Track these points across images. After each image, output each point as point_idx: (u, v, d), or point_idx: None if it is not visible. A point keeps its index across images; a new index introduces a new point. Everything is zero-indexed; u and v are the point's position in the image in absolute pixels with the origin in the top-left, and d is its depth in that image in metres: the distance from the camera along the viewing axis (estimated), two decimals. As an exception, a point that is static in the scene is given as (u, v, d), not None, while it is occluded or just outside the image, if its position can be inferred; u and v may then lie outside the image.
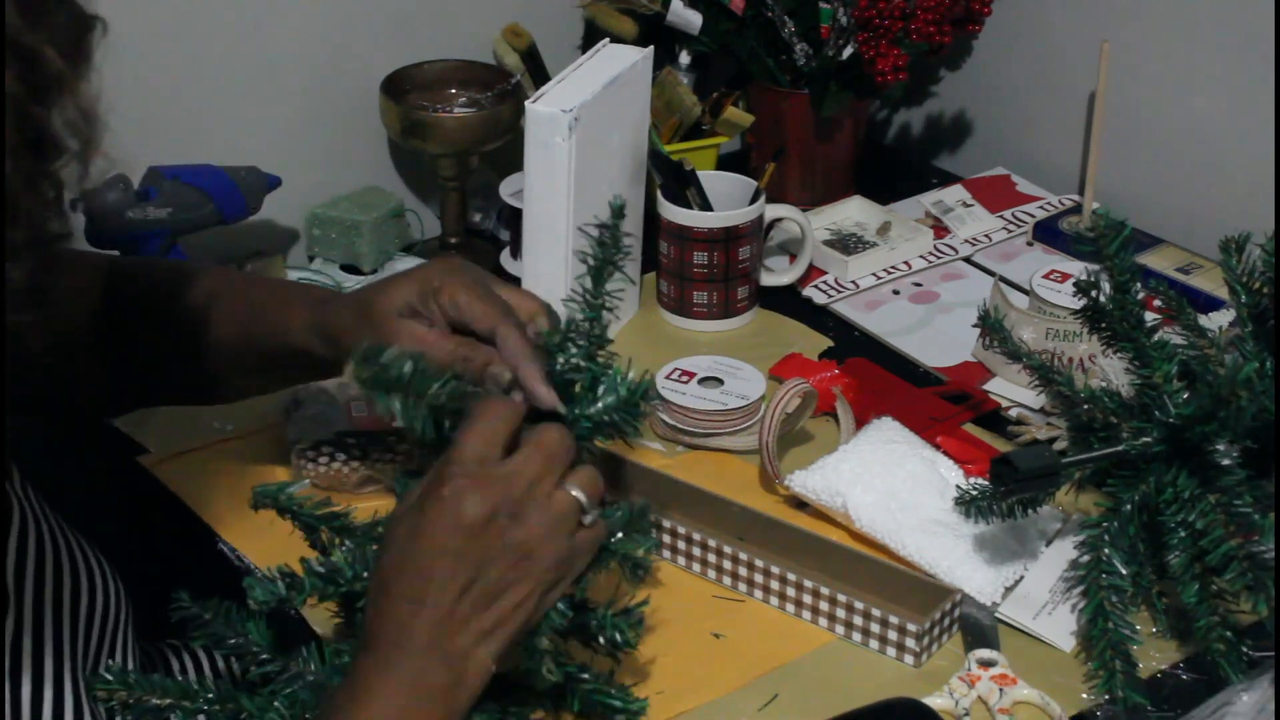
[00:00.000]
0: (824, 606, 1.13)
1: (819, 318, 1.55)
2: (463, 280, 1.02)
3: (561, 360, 0.95)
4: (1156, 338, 1.15)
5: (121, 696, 0.91)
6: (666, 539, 1.20)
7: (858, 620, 1.12)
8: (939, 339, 1.50)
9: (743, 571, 1.16)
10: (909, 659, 1.10)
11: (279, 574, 0.95)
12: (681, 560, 1.20)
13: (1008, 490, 1.11)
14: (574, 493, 0.92)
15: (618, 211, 0.95)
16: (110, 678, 0.91)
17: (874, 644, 1.12)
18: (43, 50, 0.68)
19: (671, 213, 1.49)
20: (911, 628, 1.09)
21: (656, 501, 1.22)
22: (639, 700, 0.99)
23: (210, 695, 0.93)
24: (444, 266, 1.04)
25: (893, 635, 1.10)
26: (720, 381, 1.36)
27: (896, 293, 1.58)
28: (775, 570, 1.15)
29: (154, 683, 0.92)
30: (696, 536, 1.18)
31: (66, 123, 0.70)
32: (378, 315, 1.02)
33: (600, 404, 0.91)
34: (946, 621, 1.12)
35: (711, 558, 1.18)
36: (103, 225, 1.37)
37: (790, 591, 1.14)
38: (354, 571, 0.94)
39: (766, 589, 1.16)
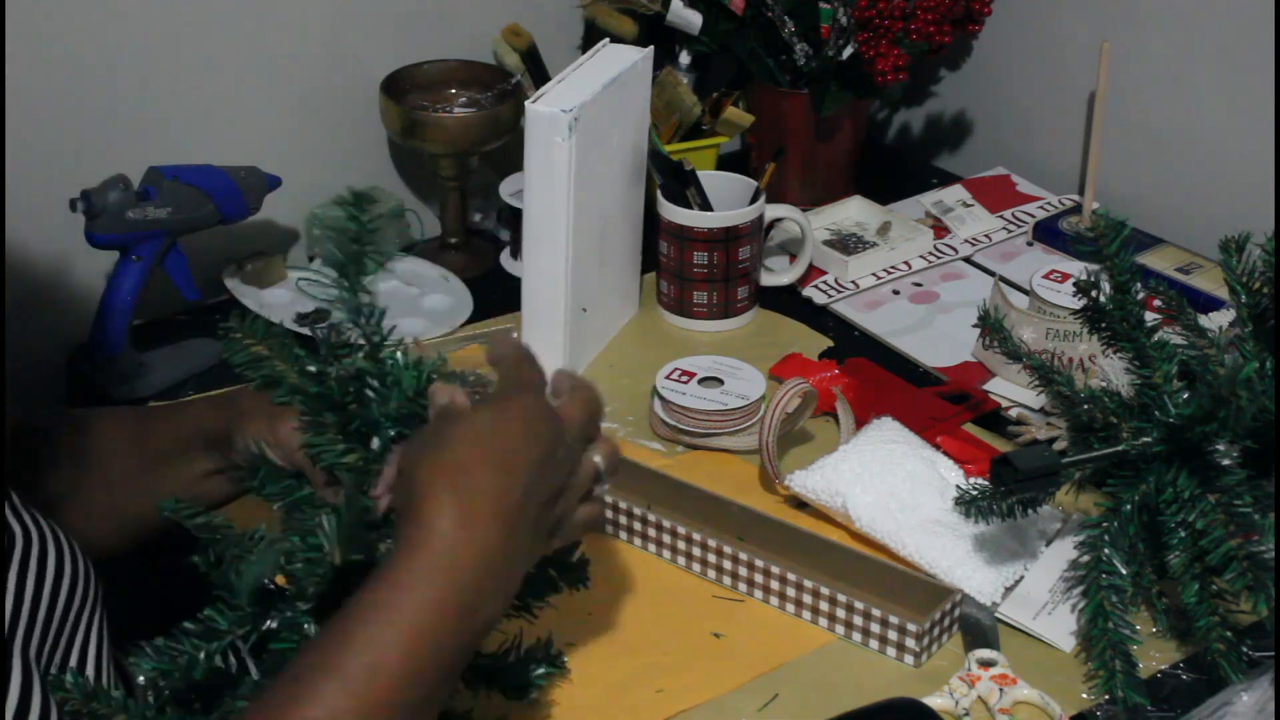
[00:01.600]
0: (824, 606, 1.13)
1: (819, 318, 1.55)
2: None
3: (334, 372, 0.91)
4: (1156, 338, 1.15)
5: (76, 704, 0.88)
6: (666, 539, 1.20)
7: (858, 620, 1.12)
8: (939, 339, 1.50)
9: (743, 571, 1.16)
10: (909, 659, 1.10)
11: (165, 646, 0.91)
12: (681, 560, 1.20)
13: (1008, 490, 1.11)
14: (597, 460, 0.94)
15: (362, 198, 0.92)
16: (69, 683, 0.88)
17: (874, 644, 1.12)
18: None
19: (671, 213, 1.49)
20: (911, 628, 1.09)
21: (656, 502, 1.22)
22: None
23: None
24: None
25: (893, 635, 1.10)
26: (720, 381, 1.36)
27: (896, 293, 1.58)
28: (775, 570, 1.15)
29: (109, 699, 0.89)
30: (696, 536, 1.18)
31: None
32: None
33: (392, 403, 0.89)
34: (946, 621, 1.12)
35: (711, 558, 1.18)
36: (103, 225, 1.37)
37: (790, 591, 1.14)
38: (228, 623, 0.90)
39: (766, 589, 1.16)
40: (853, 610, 1.12)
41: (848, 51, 1.65)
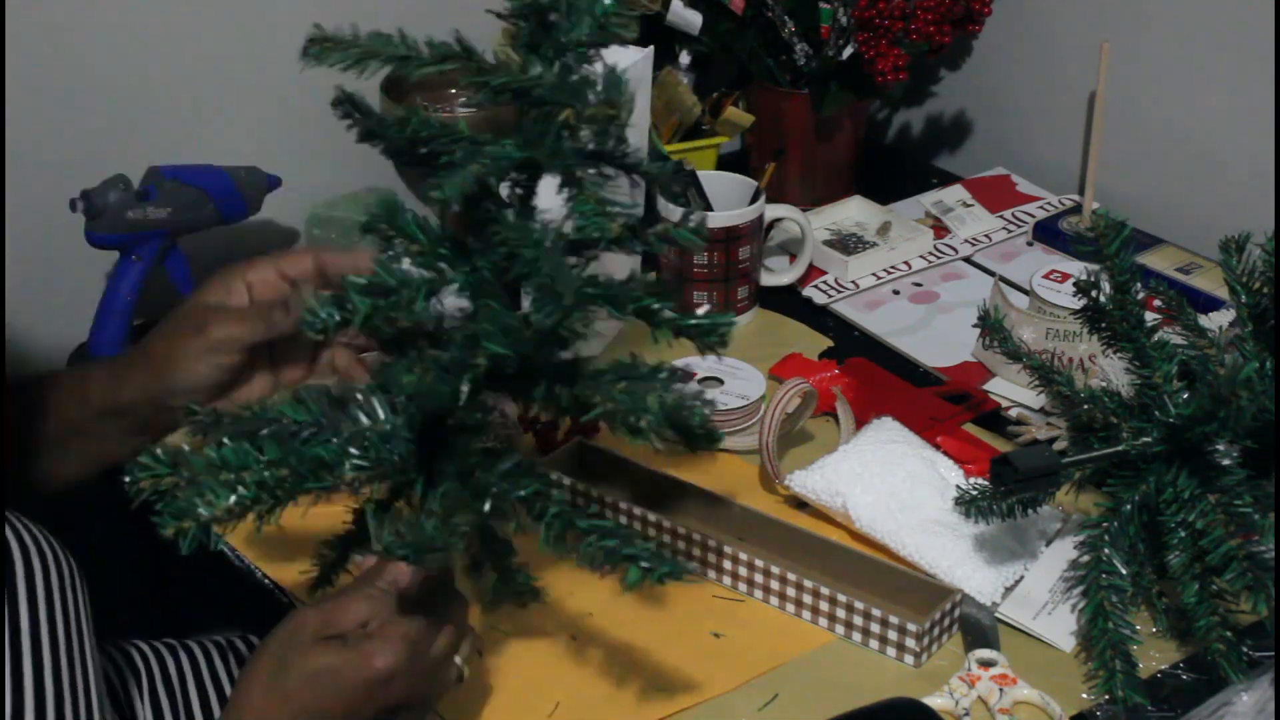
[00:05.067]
0: (824, 606, 1.13)
1: (819, 318, 1.55)
2: (259, 263, 1.08)
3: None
4: (1156, 338, 1.15)
5: (168, 480, 0.85)
6: (667, 539, 1.20)
7: (858, 620, 1.12)
8: (939, 339, 1.50)
9: (743, 571, 1.16)
10: (909, 659, 1.10)
11: (329, 299, 0.86)
12: (682, 560, 1.19)
13: (1008, 490, 1.11)
14: (458, 661, 0.97)
15: None
16: (151, 458, 0.85)
17: (874, 644, 1.12)
18: None
19: (672, 213, 1.49)
20: (911, 628, 1.09)
21: (657, 502, 1.22)
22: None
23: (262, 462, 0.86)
24: (244, 264, 1.10)
25: (893, 635, 1.10)
26: (720, 381, 1.36)
27: (896, 293, 1.58)
28: (775, 570, 1.15)
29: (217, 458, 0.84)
30: (697, 537, 1.18)
31: None
32: (187, 309, 1.07)
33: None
34: (947, 621, 1.12)
35: (711, 558, 1.18)
36: (103, 225, 1.37)
37: (790, 591, 1.14)
38: (404, 279, 0.86)
39: (767, 589, 1.16)
40: (853, 610, 1.12)
41: (848, 51, 1.65)
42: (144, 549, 1.56)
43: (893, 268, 1.61)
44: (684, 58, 1.71)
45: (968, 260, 1.64)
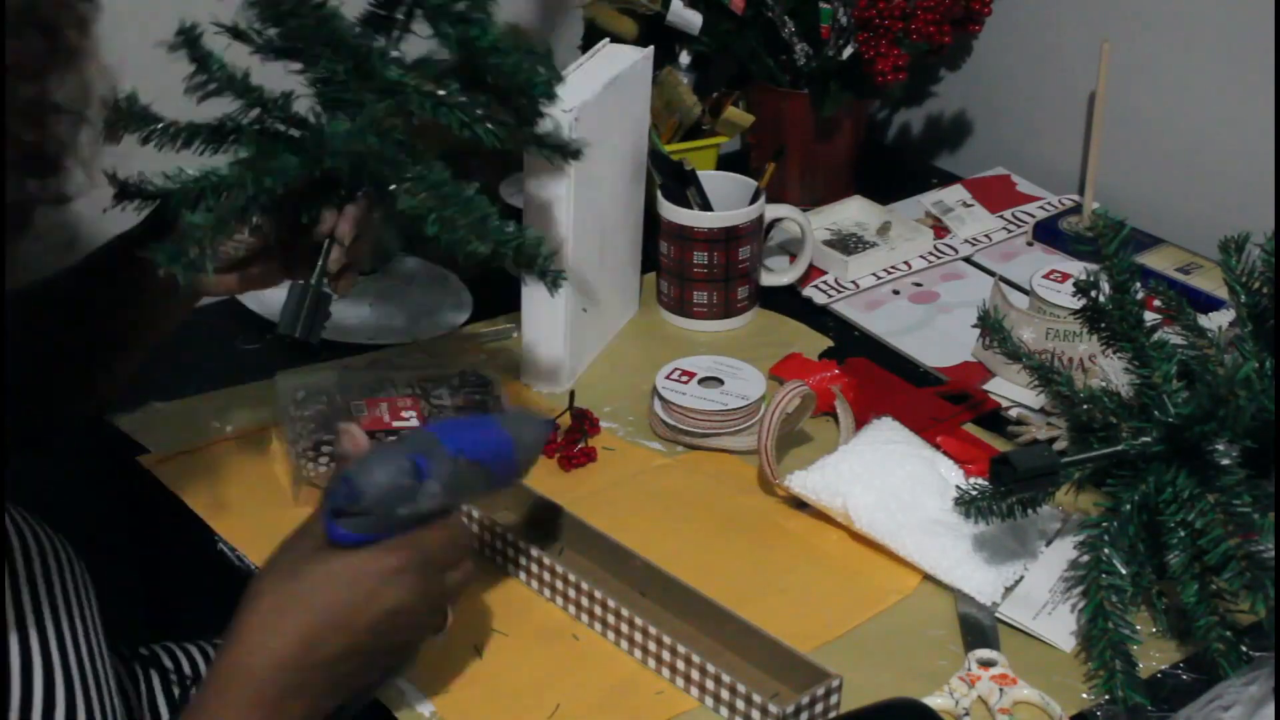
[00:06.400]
0: (695, 675, 1.06)
1: (819, 318, 1.55)
2: None
3: None
4: (1156, 338, 1.15)
5: None
6: (559, 584, 1.14)
7: (724, 694, 1.05)
8: (939, 339, 1.50)
9: (624, 629, 1.10)
10: None
11: None
12: (586, 618, 1.13)
13: (1007, 490, 1.11)
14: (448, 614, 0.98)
15: None
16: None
17: (738, 718, 1.05)
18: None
19: (671, 213, 1.49)
20: (773, 709, 1.02)
21: (570, 545, 1.19)
22: None
23: None
24: None
25: (755, 715, 1.03)
26: (720, 381, 1.36)
27: (896, 293, 1.58)
28: (653, 631, 1.08)
29: None
30: (585, 586, 1.12)
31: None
32: None
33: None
34: (820, 709, 1.03)
35: (598, 610, 1.12)
36: (359, 525, 1.29)
37: (666, 655, 1.08)
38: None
39: (645, 649, 1.09)
40: (720, 683, 1.05)
41: (848, 51, 1.65)
42: (141, 550, 1.57)
43: (893, 268, 1.61)
44: (684, 58, 1.71)
45: (968, 260, 1.64)
